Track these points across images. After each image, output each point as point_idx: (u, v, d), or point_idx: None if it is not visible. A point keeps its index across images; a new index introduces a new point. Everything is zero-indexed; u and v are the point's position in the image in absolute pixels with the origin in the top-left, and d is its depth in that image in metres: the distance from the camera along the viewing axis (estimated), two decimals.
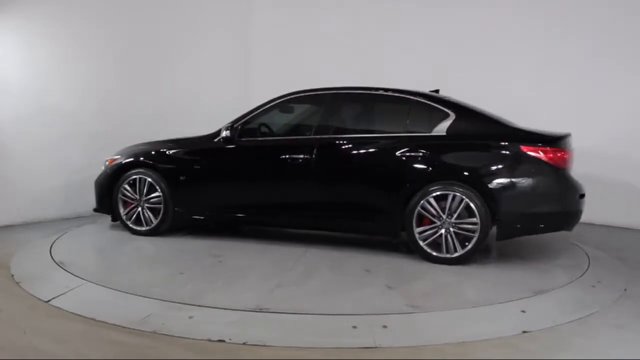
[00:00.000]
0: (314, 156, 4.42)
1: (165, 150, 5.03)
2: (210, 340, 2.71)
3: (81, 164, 6.07)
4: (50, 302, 3.25)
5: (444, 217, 4.04)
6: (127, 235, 5.11)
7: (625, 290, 3.62)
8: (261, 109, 4.81)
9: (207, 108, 7.09)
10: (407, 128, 4.37)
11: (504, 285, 3.62)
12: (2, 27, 5.42)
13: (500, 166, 4.04)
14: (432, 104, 4.39)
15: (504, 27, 6.43)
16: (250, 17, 8.17)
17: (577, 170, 4.47)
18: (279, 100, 4.79)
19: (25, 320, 3.02)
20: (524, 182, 3.99)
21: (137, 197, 4.97)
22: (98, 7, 6.16)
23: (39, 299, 3.32)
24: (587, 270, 4.02)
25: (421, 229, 4.13)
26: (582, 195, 4.13)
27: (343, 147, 4.46)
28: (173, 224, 4.96)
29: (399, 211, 4.19)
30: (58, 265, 3.93)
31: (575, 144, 4.39)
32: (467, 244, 4.02)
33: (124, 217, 5.04)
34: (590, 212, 5.87)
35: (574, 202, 4.09)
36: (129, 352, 2.61)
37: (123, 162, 5.09)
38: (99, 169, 6.35)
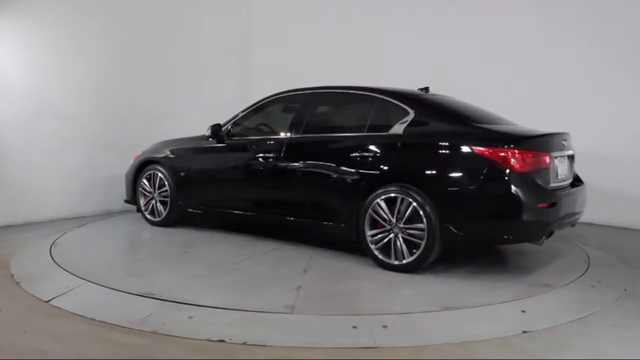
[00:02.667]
0: (281, 155, 4.50)
1: (171, 148, 5.40)
2: (210, 340, 2.71)
3: (81, 164, 6.07)
4: (50, 302, 3.25)
5: (394, 221, 3.84)
6: (127, 235, 5.13)
7: (625, 290, 3.62)
8: (249, 110, 5.03)
9: (207, 108, 7.09)
10: (369, 127, 4.21)
11: (504, 285, 3.62)
12: (2, 27, 5.42)
13: (448, 168, 3.75)
14: (394, 101, 4.19)
15: (504, 27, 6.42)
16: (250, 16, 8.18)
17: (578, 170, 4.47)
18: (265, 101, 4.97)
19: (25, 320, 3.02)
20: (472, 186, 3.64)
21: (152, 190, 5.37)
22: (98, 7, 6.16)
23: (39, 299, 3.32)
24: (587, 270, 4.01)
25: (372, 232, 3.94)
26: (552, 204, 3.69)
27: (305, 147, 4.47)
28: (180, 216, 5.30)
29: (355, 213, 4.04)
30: (58, 265, 3.93)
31: (576, 144, 4.38)
32: (414, 251, 3.76)
33: (142, 208, 5.49)
34: (590, 212, 5.90)
35: (532, 212, 3.59)
36: (129, 352, 2.61)
37: (142, 158, 5.54)
38: (98, 169, 6.37)
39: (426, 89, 4.63)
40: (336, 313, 3.08)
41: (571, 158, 4.26)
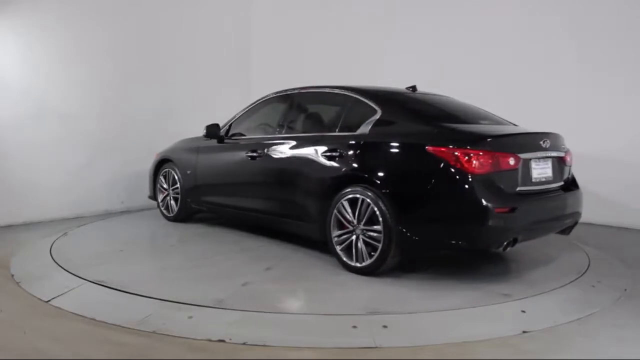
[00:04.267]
0: (263, 155, 4.59)
1: (183, 147, 5.64)
2: (210, 340, 2.71)
3: (80, 164, 6.08)
4: (50, 302, 3.25)
5: (355, 222, 3.78)
6: (127, 235, 5.13)
7: (625, 290, 3.62)
8: (245, 111, 5.17)
9: (207, 108, 7.09)
10: (341, 126, 4.17)
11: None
12: (2, 28, 5.42)
13: (404, 169, 3.64)
14: (364, 100, 4.13)
15: (506, 28, 6.42)
16: (250, 17, 8.18)
17: (578, 170, 4.45)
18: (258, 102, 5.09)
19: (25, 320, 3.02)
20: (425, 188, 3.50)
21: (167, 187, 5.68)
22: (98, 8, 6.16)
23: (39, 299, 3.32)
24: (587, 270, 4.01)
25: (338, 232, 3.90)
26: (513, 209, 3.41)
27: (283, 146, 4.48)
28: (189, 212, 5.58)
29: (323, 213, 4.01)
30: (58, 265, 3.94)
31: (576, 145, 4.36)
32: (373, 253, 3.69)
33: (160, 204, 5.80)
34: (591, 212, 5.90)
35: (488, 217, 3.32)
36: (129, 352, 2.61)
37: (160, 157, 5.83)
38: (98, 169, 6.39)
39: (413, 88, 4.55)
40: (258, 310, 3.07)
41: (560, 160, 3.97)
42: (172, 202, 5.64)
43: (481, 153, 3.38)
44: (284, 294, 3.49)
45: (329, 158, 4.03)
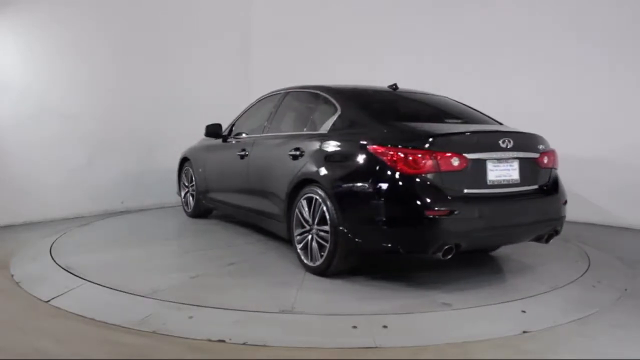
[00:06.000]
0: (249, 154, 4.71)
1: (198, 146, 5.86)
2: (210, 340, 2.71)
3: (80, 164, 6.08)
4: (50, 302, 3.25)
5: (311, 222, 3.75)
6: (126, 234, 5.13)
7: (625, 290, 3.62)
8: (244, 111, 5.35)
9: (207, 108, 7.09)
10: (309, 126, 4.20)
11: (503, 286, 3.62)
12: (2, 28, 5.42)
13: (348, 169, 3.54)
14: (330, 98, 4.09)
15: (507, 28, 6.42)
16: (250, 16, 8.17)
17: (579, 170, 4.43)
18: (256, 102, 5.24)
19: (25, 320, 3.02)
20: (364, 188, 3.39)
21: (188, 185, 5.99)
22: (98, 9, 6.16)
23: (39, 299, 3.32)
24: (587, 270, 4.00)
25: (298, 231, 3.89)
26: (450, 212, 3.19)
27: (261, 146, 4.61)
28: (203, 209, 5.81)
29: (287, 212, 4.01)
30: (58, 265, 3.93)
31: (577, 145, 4.33)
32: (322, 254, 3.63)
33: (182, 201, 6.13)
34: (591, 212, 5.90)
35: (418, 220, 3.21)
36: (129, 352, 2.61)
37: (182, 156, 6.12)
38: (99, 169, 6.40)
39: (394, 86, 4.41)
40: (192, 303, 3.12)
41: (533, 162, 3.64)
42: (191, 198, 5.93)
43: (418, 153, 3.23)
44: (224, 287, 3.52)
45: (294, 157, 4.02)
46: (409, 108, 4.19)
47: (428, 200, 3.20)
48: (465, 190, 3.32)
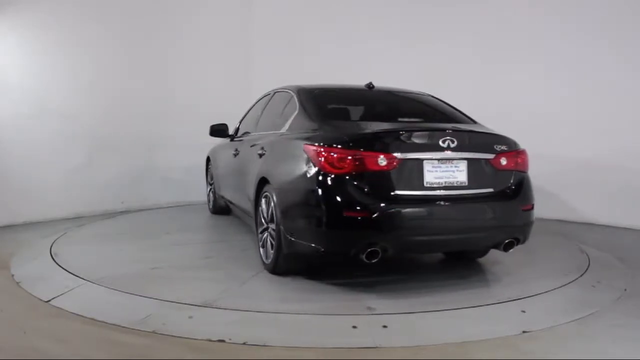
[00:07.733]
0: (239, 153, 4.87)
1: (218, 146, 6.01)
2: (210, 340, 2.71)
3: (81, 164, 6.08)
4: (50, 302, 3.25)
5: (268, 219, 3.74)
6: (126, 234, 5.13)
7: (625, 290, 3.61)
8: (248, 111, 5.49)
9: (207, 107, 7.09)
10: (277, 125, 4.20)
11: (503, 286, 3.61)
12: (3, 28, 5.42)
13: (288, 168, 3.55)
14: (295, 97, 4.10)
15: (507, 28, 6.42)
16: (251, 15, 8.17)
17: (579, 170, 4.42)
18: (255, 102, 5.33)
19: (25, 320, 3.02)
20: (296, 187, 3.39)
21: (210, 182, 6.32)
22: (98, 8, 6.16)
23: (39, 299, 3.32)
24: (587, 270, 4.01)
25: (260, 229, 3.90)
26: (371, 214, 3.08)
27: (246, 144, 4.71)
28: (219, 206, 6.01)
29: (255, 210, 4.06)
30: (58, 265, 3.94)
31: (577, 145, 4.31)
32: (272, 252, 3.65)
33: (207, 198, 6.45)
34: (591, 212, 5.90)
35: (332, 220, 3.15)
36: (129, 352, 2.61)
37: (207, 156, 6.38)
38: (98, 169, 6.40)
39: (370, 85, 4.30)
40: (137, 293, 3.26)
41: (487, 163, 3.41)
42: (212, 196, 6.23)
43: (341, 152, 3.16)
44: (173, 279, 3.64)
45: (260, 156, 4.07)
46: (367, 107, 4.15)
47: (348, 200, 3.11)
48: (396, 192, 3.18)
